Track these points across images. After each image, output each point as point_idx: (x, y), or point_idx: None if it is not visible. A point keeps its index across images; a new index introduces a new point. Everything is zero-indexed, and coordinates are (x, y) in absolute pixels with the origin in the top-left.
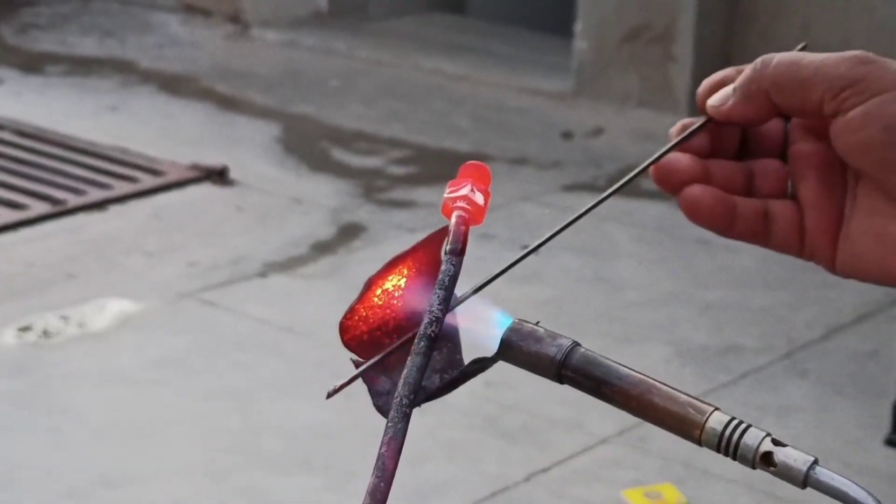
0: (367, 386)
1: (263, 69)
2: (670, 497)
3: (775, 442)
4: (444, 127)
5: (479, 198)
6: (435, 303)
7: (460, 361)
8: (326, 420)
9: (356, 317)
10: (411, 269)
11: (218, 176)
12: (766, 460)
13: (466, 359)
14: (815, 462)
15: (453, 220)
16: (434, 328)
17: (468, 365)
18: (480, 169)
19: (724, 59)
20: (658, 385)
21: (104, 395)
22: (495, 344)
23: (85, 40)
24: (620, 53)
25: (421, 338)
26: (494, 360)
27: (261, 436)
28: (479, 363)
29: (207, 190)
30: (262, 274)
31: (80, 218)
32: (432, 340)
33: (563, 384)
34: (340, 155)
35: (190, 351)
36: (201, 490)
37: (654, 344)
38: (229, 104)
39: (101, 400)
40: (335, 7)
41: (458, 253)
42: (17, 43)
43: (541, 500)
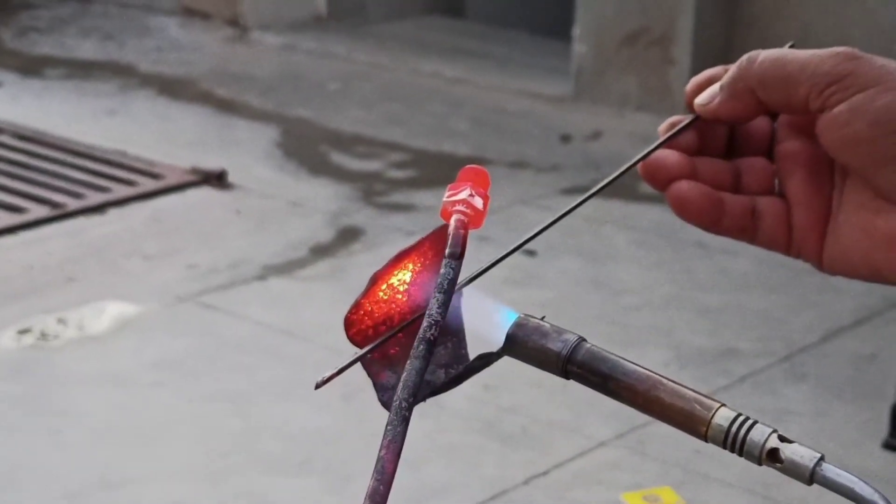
0: (372, 380)
1: (262, 72)
2: (669, 500)
3: (782, 438)
4: (443, 130)
5: (479, 201)
6: (434, 306)
7: (465, 356)
8: (326, 423)
9: (361, 311)
10: (416, 265)
11: (217, 179)
12: (773, 456)
13: (471, 354)
14: (822, 458)
15: (452, 223)
16: (433, 331)
17: (473, 360)
18: (479, 173)
19: (723, 63)
20: (664, 381)
21: (104, 398)
22: (501, 339)
23: (84, 44)
24: (619, 57)
25: (420, 341)
26: (500, 355)
27: (260, 438)
28: (485, 358)
29: (206, 193)
30: (262, 277)
31: (80, 221)
32: (431, 344)
33: (569, 380)
34: (339, 158)
35: (189, 354)
36: (201, 492)
37: (653, 347)
38: (228, 107)
39: (101, 402)
40: (334, 10)
41: (457, 257)
42: (17, 46)
43: None
